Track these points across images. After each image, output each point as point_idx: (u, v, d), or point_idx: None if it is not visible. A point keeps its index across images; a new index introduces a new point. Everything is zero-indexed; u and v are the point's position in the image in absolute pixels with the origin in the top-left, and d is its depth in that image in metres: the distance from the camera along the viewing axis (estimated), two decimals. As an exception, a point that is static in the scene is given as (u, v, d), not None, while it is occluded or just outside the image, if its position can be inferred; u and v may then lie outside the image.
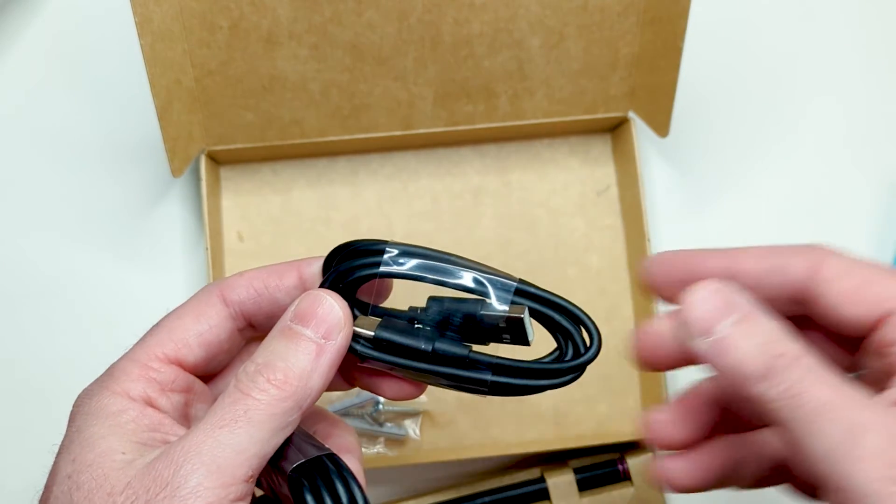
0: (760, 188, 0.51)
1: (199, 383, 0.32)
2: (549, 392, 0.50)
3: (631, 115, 0.49)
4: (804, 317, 0.31)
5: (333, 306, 0.29)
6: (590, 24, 0.46)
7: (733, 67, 0.53)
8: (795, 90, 0.53)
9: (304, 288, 0.32)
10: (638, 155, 0.48)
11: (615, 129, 0.51)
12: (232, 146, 0.48)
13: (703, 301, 0.29)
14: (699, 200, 0.52)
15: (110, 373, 0.30)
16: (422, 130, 0.49)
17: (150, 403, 0.29)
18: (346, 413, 0.47)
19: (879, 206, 0.52)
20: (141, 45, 0.41)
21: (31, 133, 0.51)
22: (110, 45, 0.51)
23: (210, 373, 0.32)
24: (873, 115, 0.53)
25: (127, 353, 0.31)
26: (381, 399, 0.47)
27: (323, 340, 0.29)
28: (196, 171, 0.48)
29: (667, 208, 0.51)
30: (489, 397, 0.49)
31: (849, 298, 0.29)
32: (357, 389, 0.47)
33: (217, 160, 0.49)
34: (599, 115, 0.49)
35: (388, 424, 0.47)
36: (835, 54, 0.54)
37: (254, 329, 0.33)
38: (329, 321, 0.29)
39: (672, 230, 0.51)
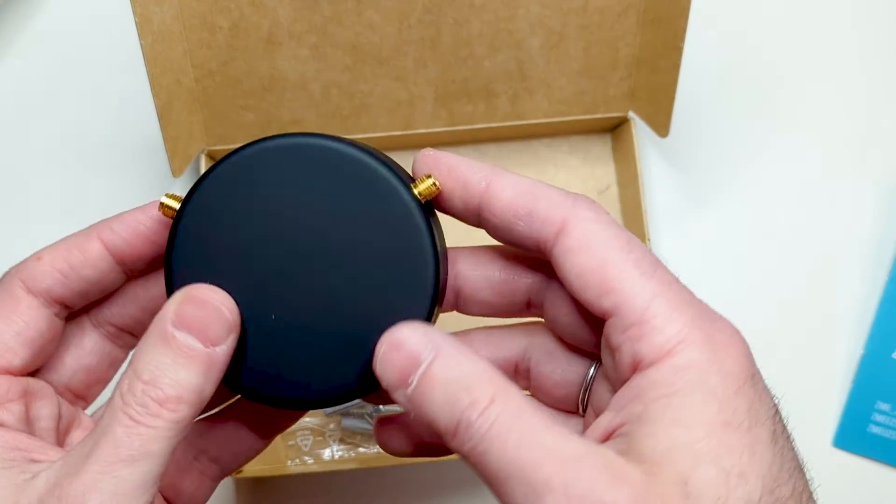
0: (760, 188, 0.51)
1: (31, 381, 0.29)
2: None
3: (631, 115, 0.49)
4: None
5: (220, 309, 0.27)
6: (590, 24, 0.46)
7: (733, 67, 0.53)
8: (795, 90, 0.53)
9: (110, 257, 0.30)
10: (638, 155, 0.48)
11: (615, 129, 0.51)
12: (232, 146, 0.48)
13: (392, 352, 0.26)
14: (699, 200, 0.52)
15: None
16: (422, 130, 0.49)
17: None
18: (346, 413, 0.47)
19: (879, 207, 0.52)
20: (141, 45, 0.41)
21: (31, 133, 0.51)
22: (110, 45, 0.51)
23: (39, 366, 0.30)
24: (873, 115, 0.53)
25: None
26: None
27: (212, 348, 0.26)
28: (196, 171, 0.48)
29: (667, 208, 0.51)
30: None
31: (579, 279, 0.26)
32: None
33: (217, 160, 0.49)
34: (599, 115, 0.49)
35: (389, 424, 0.47)
36: (835, 54, 0.54)
37: (68, 308, 0.30)
38: (216, 326, 0.27)
39: (672, 230, 0.51)
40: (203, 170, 0.47)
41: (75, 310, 0.31)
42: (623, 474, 0.24)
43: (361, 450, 0.47)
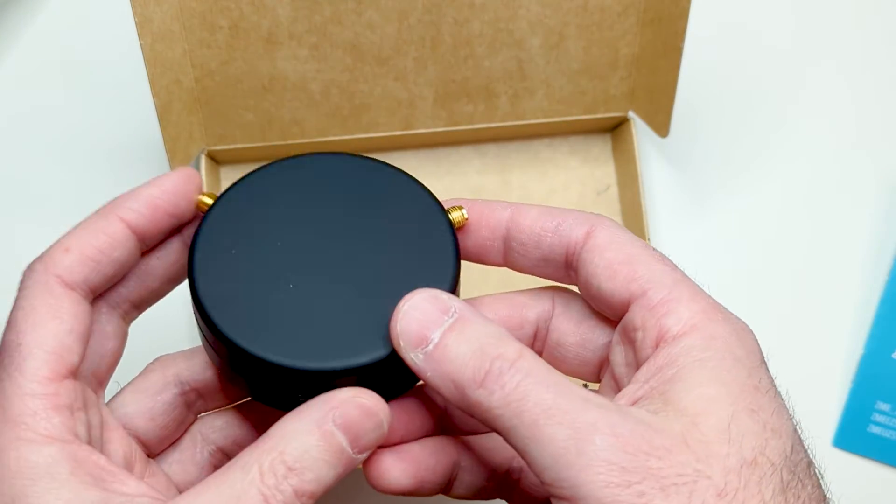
0: (760, 188, 0.51)
1: (85, 388, 0.28)
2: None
3: (631, 115, 0.49)
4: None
5: (382, 422, 0.27)
6: (590, 24, 0.46)
7: (733, 67, 0.53)
8: (795, 90, 0.53)
9: (136, 235, 0.29)
10: (638, 155, 0.48)
11: (615, 129, 0.51)
12: (232, 146, 0.48)
13: (414, 309, 0.27)
14: (699, 200, 0.52)
15: (9, 419, 0.25)
16: (422, 130, 0.49)
17: (75, 435, 0.26)
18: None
19: (879, 207, 0.52)
20: (141, 45, 0.41)
21: (31, 133, 0.51)
22: (110, 45, 0.51)
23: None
24: (874, 115, 0.53)
25: (5, 391, 0.26)
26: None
27: (357, 455, 0.27)
28: (195, 171, 0.48)
29: (667, 208, 0.51)
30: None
31: (607, 271, 0.28)
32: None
33: (217, 160, 0.49)
34: (599, 115, 0.49)
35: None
36: (835, 54, 0.54)
37: (96, 292, 0.30)
38: (372, 437, 0.27)
39: (672, 230, 0.51)
40: (203, 170, 0.47)
41: (98, 294, 0.30)
42: (665, 424, 0.25)
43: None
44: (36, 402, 0.26)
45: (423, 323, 0.26)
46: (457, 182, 0.50)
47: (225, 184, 0.50)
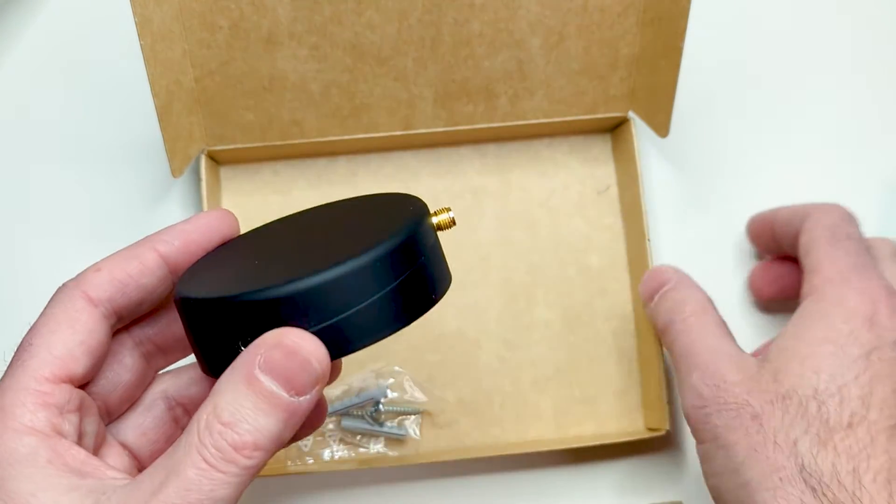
0: (760, 187, 0.51)
1: (84, 395, 0.29)
2: (549, 391, 0.51)
3: (631, 115, 0.49)
4: None
5: (310, 361, 0.26)
6: (590, 24, 0.46)
7: (733, 67, 0.53)
8: (795, 89, 0.53)
9: (167, 265, 0.30)
10: (638, 155, 0.48)
11: (615, 129, 0.51)
12: (232, 146, 0.48)
13: (645, 280, 0.44)
14: (699, 200, 0.52)
15: (1, 408, 0.27)
16: (422, 130, 0.49)
17: (58, 431, 0.27)
18: (346, 413, 0.47)
19: (879, 207, 0.52)
20: (141, 45, 0.41)
21: (31, 133, 0.51)
22: (110, 45, 0.51)
23: (91, 378, 0.30)
24: (873, 114, 0.53)
25: (5, 383, 0.28)
26: (382, 399, 0.47)
27: (297, 398, 0.26)
28: (196, 171, 0.48)
29: (667, 208, 0.51)
30: (492, 397, 0.48)
31: (802, 247, 0.41)
32: (358, 388, 0.47)
33: (217, 160, 0.49)
34: (599, 115, 0.49)
35: (388, 424, 0.47)
36: (834, 54, 0.54)
37: (119, 322, 0.31)
38: (305, 377, 0.26)
39: (672, 229, 0.51)
40: (203, 170, 0.47)
41: (124, 324, 0.31)
42: (745, 365, 0.37)
43: (361, 450, 0.47)
44: (27, 397, 0.27)
45: (650, 289, 0.43)
46: (457, 182, 0.50)
47: (225, 184, 0.50)
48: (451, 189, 0.50)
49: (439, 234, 0.31)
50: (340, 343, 0.27)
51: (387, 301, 0.27)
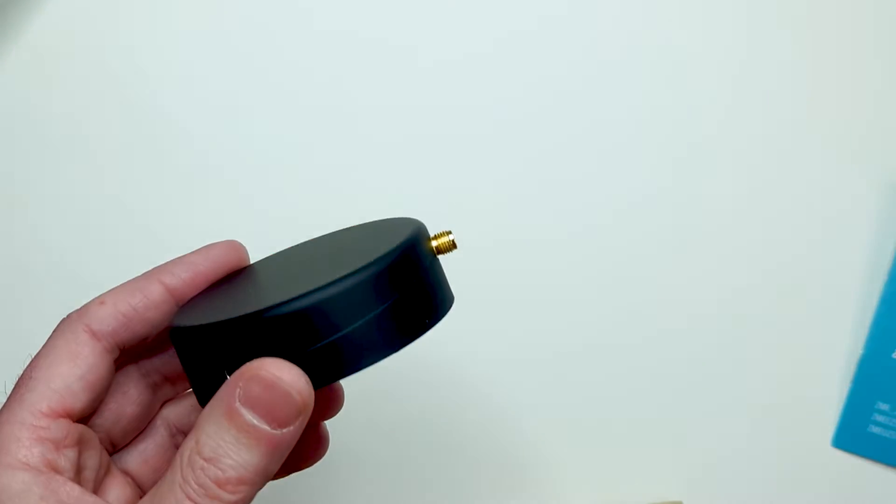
0: (759, 188, 0.51)
1: (84, 429, 0.29)
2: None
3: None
4: None
5: (290, 393, 0.25)
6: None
7: (733, 67, 0.53)
8: (795, 89, 0.53)
9: (173, 299, 0.30)
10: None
11: (615, 129, 0.50)
12: (232, 146, 0.48)
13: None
14: (699, 200, 0.52)
15: None
16: None
17: (53, 467, 0.27)
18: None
19: (879, 207, 0.51)
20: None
21: (30, 133, 0.51)
22: (111, 46, 0.50)
23: (92, 412, 0.30)
24: (874, 114, 0.53)
25: (3, 416, 0.27)
26: (381, 399, 0.47)
27: (279, 430, 0.25)
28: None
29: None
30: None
31: None
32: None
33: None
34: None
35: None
36: (834, 54, 0.54)
37: (123, 355, 0.30)
38: (286, 410, 0.25)
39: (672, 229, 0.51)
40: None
41: (128, 357, 0.31)
42: None
43: (361, 450, 0.47)
44: (23, 432, 0.27)
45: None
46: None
47: (225, 184, 0.50)
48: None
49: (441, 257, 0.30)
50: (328, 369, 0.26)
51: (375, 325, 0.26)
